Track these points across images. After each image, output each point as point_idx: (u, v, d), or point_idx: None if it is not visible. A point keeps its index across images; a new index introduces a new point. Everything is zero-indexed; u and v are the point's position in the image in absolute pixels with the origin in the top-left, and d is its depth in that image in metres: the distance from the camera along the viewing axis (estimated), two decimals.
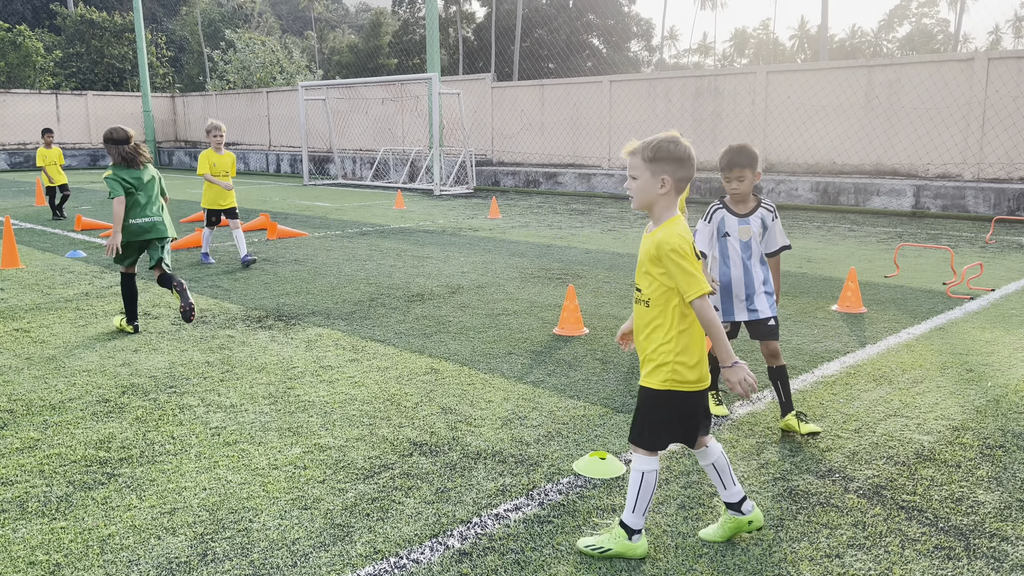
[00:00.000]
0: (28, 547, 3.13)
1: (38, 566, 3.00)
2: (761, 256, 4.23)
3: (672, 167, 2.84)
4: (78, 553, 3.09)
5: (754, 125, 18.37)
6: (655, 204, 2.89)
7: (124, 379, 5.26)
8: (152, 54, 45.43)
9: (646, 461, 2.99)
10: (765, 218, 4.24)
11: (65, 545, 3.15)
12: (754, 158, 4.10)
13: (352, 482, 3.71)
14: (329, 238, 12.13)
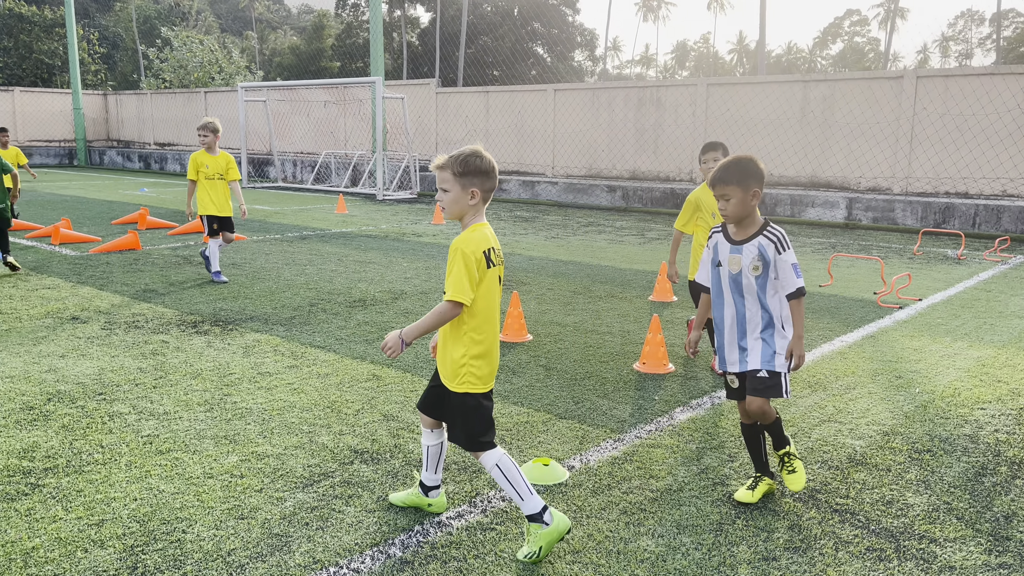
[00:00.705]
0: None
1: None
2: (759, 294, 3.45)
3: (480, 180, 3.04)
4: (0, 567, 2.95)
5: (695, 136, 18.72)
6: (465, 214, 3.09)
7: (50, 386, 5.06)
8: (84, 50, 44.01)
9: (492, 455, 3.11)
10: (765, 249, 3.42)
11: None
12: (745, 173, 3.38)
13: (291, 491, 3.63)
14: (268, 242, 11.90)
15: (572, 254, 11.18)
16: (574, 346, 6.24)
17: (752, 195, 3.40)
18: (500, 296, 3.19)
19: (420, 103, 23.97)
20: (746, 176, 3.38)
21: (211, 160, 8.71)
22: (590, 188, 19.37)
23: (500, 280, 3.20)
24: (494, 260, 3.09)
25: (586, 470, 3.91)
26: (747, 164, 3.41)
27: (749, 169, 3.40)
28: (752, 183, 3.39)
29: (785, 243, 3.42)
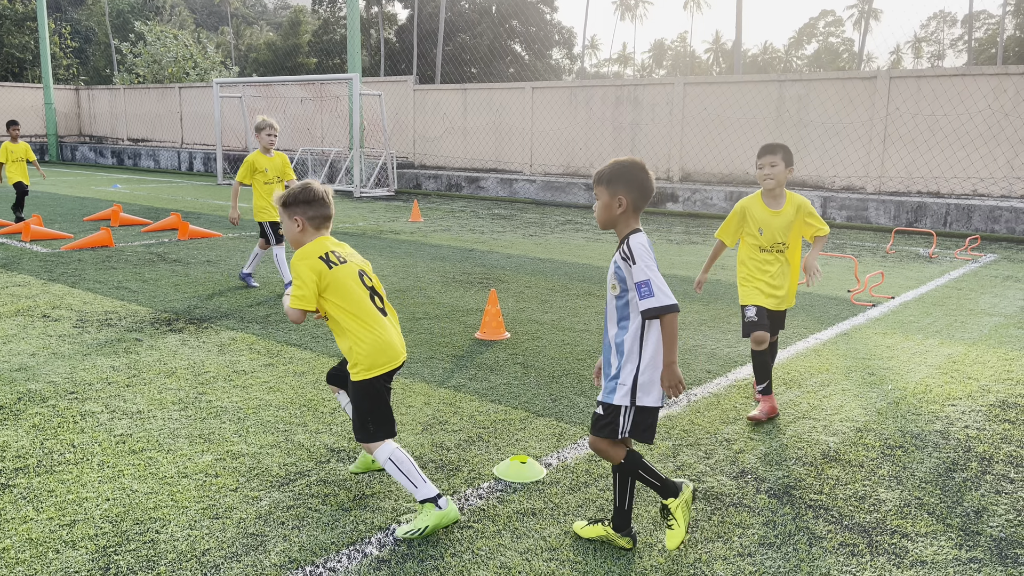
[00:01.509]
0: None
1: None
2: (618, 316, 3.05)
3: (302, 208, 3.41)
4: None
5: (671, 135, 18.82)
6: (298, 242, 3.45)
7: (20, 384, 4.98)
8: (55, 44, 43.35)
9: (385, 449, 3.30)
10: (619, 267, 3.00)
11: None
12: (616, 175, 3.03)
13: (266, 490, 3.60)
14: (244, 239, 11.79)
15: (550, 252, 11.19)
16: (552, 344, 6.25)
17: (617, 202, 3.00)
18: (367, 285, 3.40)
19: (398, 100, 23.88)
20: (615, 178, 3.02)
21: (269, 163, 8.01)
22: (568, 186, 19.40)
23: (363, 274, 3.42)
24: (335, 260, 3.34)
25: (563, 467, 3.92)
26: (622, 166, 3.04)
27: (622, 171, 3.03)
28: (619, 188, 3.00)
29: (634, 256, 2.93)
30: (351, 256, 3.45)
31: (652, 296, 2.89)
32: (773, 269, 4.66)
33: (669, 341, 2.93)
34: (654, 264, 2.94)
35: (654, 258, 2.98)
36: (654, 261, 2.96)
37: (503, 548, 3.14)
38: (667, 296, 2.90)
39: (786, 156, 4.56)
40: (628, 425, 3.01)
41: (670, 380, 2.94)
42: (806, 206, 4.67)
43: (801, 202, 4.66)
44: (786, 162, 4.55)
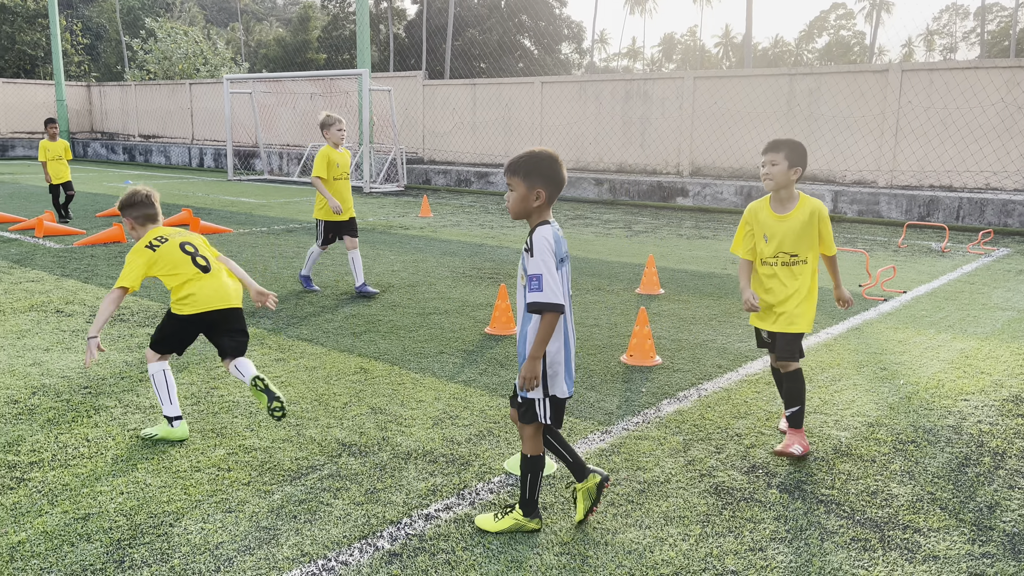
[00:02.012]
0: None
1: None
2: (525, 308, 3.06)
3: (130, 211, 4.23)
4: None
5: (681, 129, 18.76)
6: (136, 238, 4.27)
7: (34, 379, 5.02)
8: (67, 41, 43.56)
9: (158, 364, 4.15)
10: (524, 256, 3.07)
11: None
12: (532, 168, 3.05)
13: (279, 484, 3.62)
14: (255, 235, 11.84)
15: None
16: None
17: (535, 194, 3.03)
18: (188, 252, 4.20)
19: (407, 95, 23.89)
20: (533, 171, 3.04)
21: (341, 158, 7.60)
22: (577, 181, 19.38)
23: (185, 244, 4.22)
24: (158, 243, 4.15)
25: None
26: (540, 159, 3.05)
27: (540, 164, 3.04)
28: (537, 181, 3.03)
29: (534, 249, 2.98)
30: (174, 235, 4.26)
31: (540, 291, 2.93)
32: (772, 284, 4.07)
33: (541, 337, 2.98)
34: (552, 260, 2.96)
35: (554, 253, 2.99)
36: (553, 257, 2.97)
37: (514, 542, 3.15)
38: (554, 295, 2.93)
39: (792, 155, 3.94)
40: (547, 414, 3.14)
41: (526, 372, 3.02)
42: (822, 213, 4.02)
43: (816, 208, 4.00)
44: (791, 161, 3.93)
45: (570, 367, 3.16)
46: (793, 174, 3.96)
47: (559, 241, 3.05)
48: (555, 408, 3.15)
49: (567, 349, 3.12)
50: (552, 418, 3.16)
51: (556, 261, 2.99)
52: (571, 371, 3.17)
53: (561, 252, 3.06)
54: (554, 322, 2.97)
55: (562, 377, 3.12)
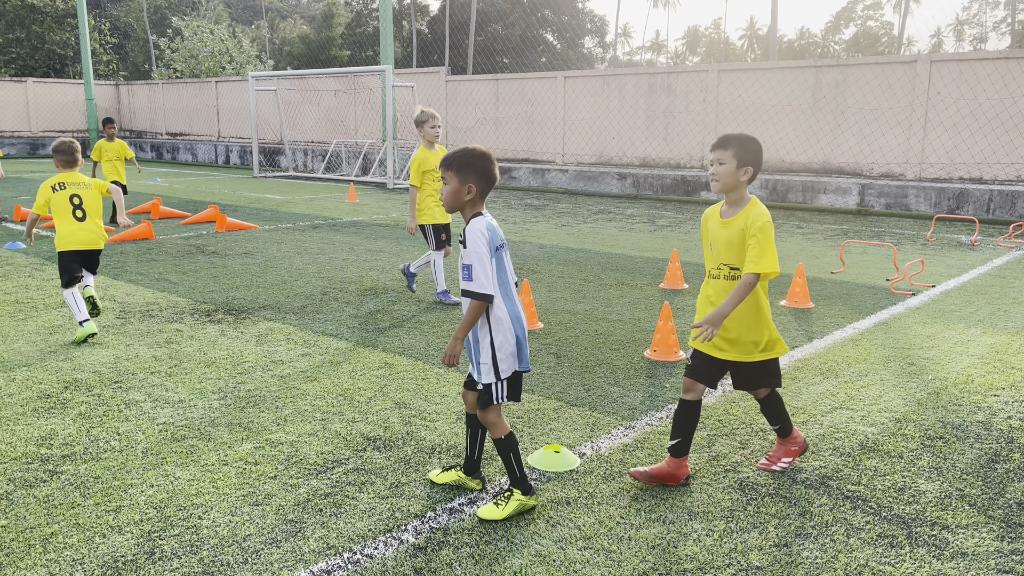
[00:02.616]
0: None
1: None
2: None
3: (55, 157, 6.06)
4: (20, 552, 3.00)
5: (705, 122, 18.63)
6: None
7: (66, 374, 5.12)
8: (95, 41, 44.14)
9: (65, 292, 5.86)
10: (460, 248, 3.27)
11: (6, 544, 3.05)
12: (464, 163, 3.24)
13: (304, 477, 3.66)
14: (280, 231, 11.94)
15: (582, 242, 11.16)
16: (585, 334, 6.25)
17: (467, 189, 3.22)
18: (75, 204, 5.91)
19: (430, 91, 23.94)
20: (465, 167, 3.23)
21: (436, 158, 7.04)
22: (600, 175, 19.32)
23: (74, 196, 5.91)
24: (58, 188, 5.87)
25: (597, 457, 3.93)
26: (472, 156, 3.25)
27: (472, 161, 3.24)
28: (469, 176, 3.22)
29: (467, 241, 3.18)
30: (71, 186, 5.94)
31: (471, 280, 3.16)
32: (716, 300, 3.53)
33: (466, 320, 3.20)
34: (485, 251, 3.17)
35: (489, 243, 3.18)
36: (487, 248, 3.17)
37: (538, 536, 3.16)
38: (483, 285, 3.15)
39: (741, 152, 3.43)
40: (503, 394, 3.30)
41: (447, 350, 3.22)
42: (754, 223, 3.38)
43: (753, 217, 3.40)
44: (740, 160, 3.42)
45: (521, 347, 3.30)
46: (743, 174, 3.45)
47: (493, 230, 3.23)
48: (508, 388, 3.31)
49: (516, 331, 3.27)
50: (509, 396, 3.32)
51: (491, 251, 3.20)
52: (523, 350, 3.32)
53: (497, 240, 3.24)
54: (481, 309, 3.19)
55: (512, 359, 3.28)
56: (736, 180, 3.46)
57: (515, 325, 3.28)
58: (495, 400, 3.29)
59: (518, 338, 3.28)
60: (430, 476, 3.64)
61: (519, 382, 3.35)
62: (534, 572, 2.91)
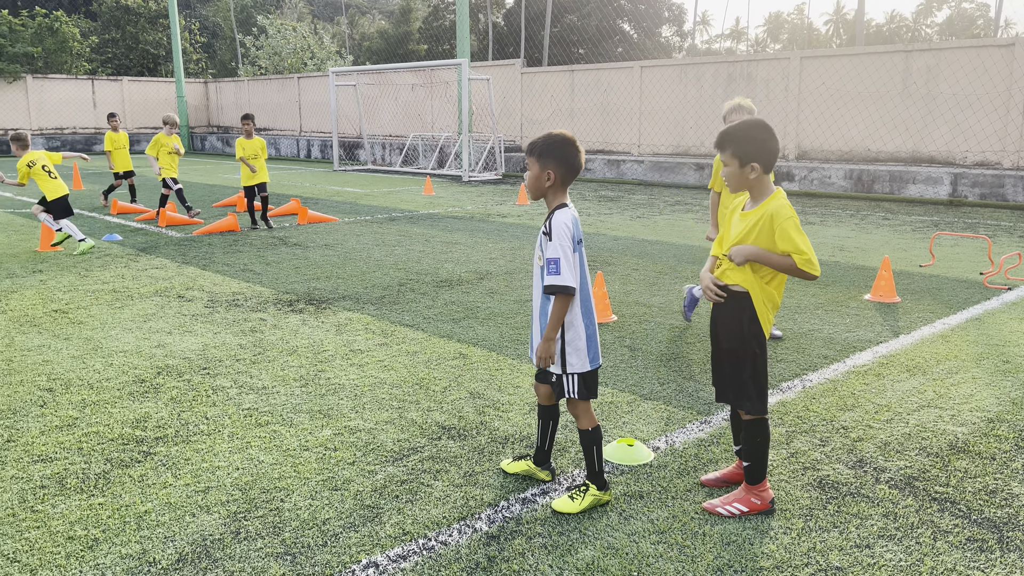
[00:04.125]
0: (67, 522, 3.22)
1: (76, 541, 3.08)
2: (542, 288, 3.21)
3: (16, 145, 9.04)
4: (115, 529, 3.17)
5: (787, 111, 18.12)
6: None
7: (159, 360, 5.36)
8: (186, 40, 45.84)
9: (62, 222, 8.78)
10: (542, 238, 3.22)
11: (103, 521, 3.23)
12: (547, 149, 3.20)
13: (381, 464, 3.75)
14: (359, 223, 12.20)
15: (658, 234, 11.03)
16: (660, 327, 6.19)
17: (546, 175, 3.19)
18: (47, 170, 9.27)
19: (505, 84, 24.01)
20: (546, 152, 3.18)
21: None
22: (677, 166, 19.03)
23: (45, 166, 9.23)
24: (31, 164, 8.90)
25: (671, 451, 3.89)
26: (554, 141, 3.20)
27: (553, 146, 3.18)
28: (549, 162, 3.18)
29: (552, 232, 3.12)
30: (39, 160, 9.21)
31: (557, 274, 3.11)
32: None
33: (556, 317, 3.15)
34: (569, 244, 3.12)
35: (572, 237, 3.14)
36: (571, 241, 3.13)
37: (610, 529, 3.16)
38: (569, 279, 3.10)
39: (741, 150, 3.14)
40: (575, 388, 3.27)
41: (541, 352, 3.21)
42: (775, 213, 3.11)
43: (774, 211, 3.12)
44: (741, 158, 3.15)
45: (592, 344, 3.27)
46: (750, 172, 3.15)
47: (576, 224, 3.20)
48: (582, 383, 3.28)
49: (587, 327, 3.25)
50: (580, 392, 3.28)
51: (573, 244, 3.15)
52: (594, 346, 3.28)
53: (579, 234, 3.22)
54: (567, 304, 3.15)
55: (584, 354, 3.25)
56: (745, 179, 3.17)
57: (586, 320, 3.26)
58: (567, 394, 3.30)
59: (588, 335, 3.26)
60: (501, 465, 3.70)
61: (594, 378, 3.32)
62: (606, 564, 2.91)
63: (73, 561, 2.94)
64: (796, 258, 3.08)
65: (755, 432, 3.27)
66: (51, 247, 9.59)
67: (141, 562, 2.93)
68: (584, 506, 3.28)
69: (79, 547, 3.03)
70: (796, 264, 3.09)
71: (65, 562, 2.93)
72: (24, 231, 11.26)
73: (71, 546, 3.04)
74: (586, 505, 3.29)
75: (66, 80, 33.54)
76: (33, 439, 4.04)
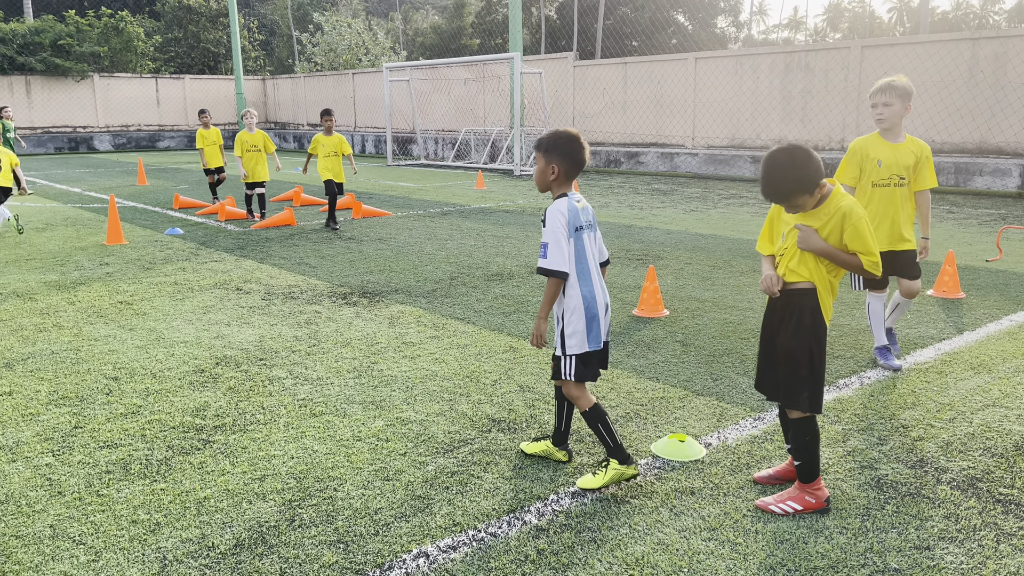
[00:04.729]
0: (131, 507, 3.33)
1: (139, 525, 3.18)
2: None
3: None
4: (176, 514, 3.27)
5: (847, 102, 17.67)
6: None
7: (218, 351, 5.50)
8: (245, 38, 46.83)
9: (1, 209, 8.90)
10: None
11: (164, 505, 3.33)
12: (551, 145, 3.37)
13: (432, 455, 3.79)
14: (411, 217, 12.32)
15: (712, 227, 10.88)
16: (713, 322, 6.11)
17: (551, 169, 3.35)
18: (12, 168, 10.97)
19: (557, 77, 23.93)
20: (551, 148, 3.36)
21: (892, 151, 4.85)
22: (732, 159, 18.73)
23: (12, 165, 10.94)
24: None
25: (724, 448, 3.84)
26: (559, 138, 3.36)
27: (558, 142, 3.35)
28: (553, 157, 3.35)
29: (546, 220, 3.32)
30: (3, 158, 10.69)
31: (545, 258, 3.30)
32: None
33: (546, 300, 3.34)
34: (562, 231, 3.27)
35: (568, 224, 3.28)
36: (565, 227, 3.28)
37: (660, 525, 3.13)
38: (556, 263, 3.27)
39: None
40: (571, 370, 3.39)
41: (533, 332, 3.40)
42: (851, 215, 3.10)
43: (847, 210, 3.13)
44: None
45: (593, 327, 3.35)
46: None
47: (575, 211, 3.33)
48: (579, 365, 3.38)
49: (587, 309, 3.33)
50: (576, 374, 3.39)
51: (570, 230, 3.30)
52: (595, 330, 3.36)
53: (579, 221, 3.34)
54: (557, 286, 3.33)
55: (583, 336, 3.35)
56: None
57: (587, 305, 3.35)
58: (564, 375, 3.41)
59: (588, 318, 3.35)
60: (521, 446, 3.81)
61: (593, 361, 3.42)
62: (656, 560, 2.89)
63: (136, 544, 3.04)
64: (864, 259, 3.08)
65: (804, 431, 3.22)
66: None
67: (200, 546, 3.02)
68: (606, 480, 3.38)
69: (142, 531, 3.14)
70: (863, 265, 3.10)
71: (128, 545, 3.03)
72: (92, 225, 11.66)
73: (134, 529, 3.15)
74: (608, 479, 3.38)
75: (131, 79, 34.59)
76: (99, 425, 4.18)
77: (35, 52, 32.46)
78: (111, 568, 2.88)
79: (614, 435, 3.43)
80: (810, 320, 3.15)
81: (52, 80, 32.55)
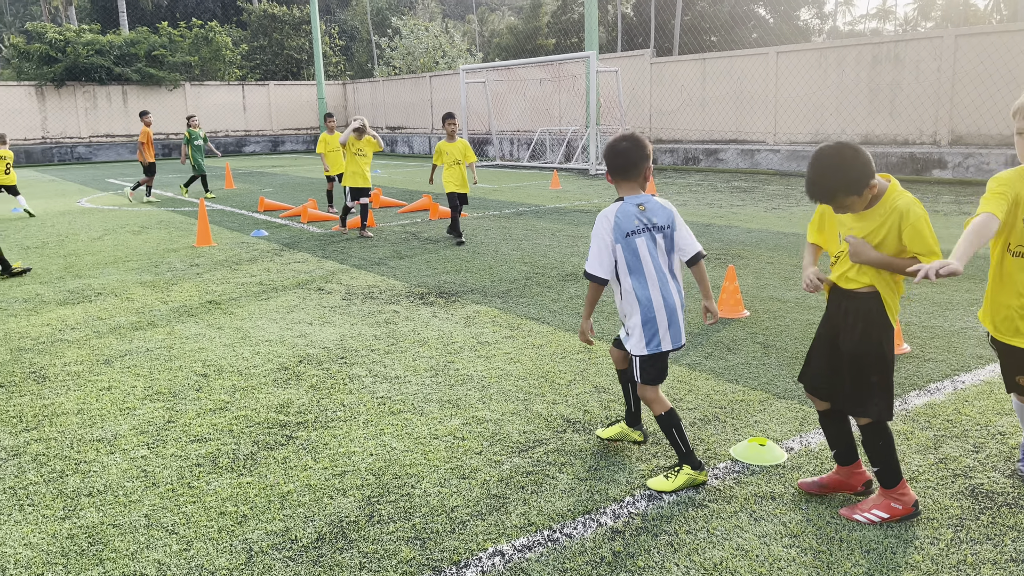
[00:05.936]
0: (219, 499, 3.46)
1: (227, 516, 3.31)
2: None
3: None
4: (261, 506, 3.38)
5: (939, 94, 16.93)
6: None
7: (301, 349, 5.66)
8: (326, 44, 48.04)
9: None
10: None
11: (251, 498, 3.45)
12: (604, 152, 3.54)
13: (507, 455, 3.81)
14: (487, 218, 12.40)
15: (794, 226, 10.59)
16: (795, 323, 5.95)
17: (608, 176, 3.52)
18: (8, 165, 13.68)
19: (634, 75, 23.70)
20: (605, 155, 3.49)
21: None
22: None
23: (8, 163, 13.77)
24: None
25: (806, 452, 3.74)
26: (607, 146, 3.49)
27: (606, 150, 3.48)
28: (607, 163, 3.48)
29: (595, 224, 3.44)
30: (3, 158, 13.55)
31: (588, 260, 3.42)
32: None
33: (587, 300, 3.49)
34: (605, 235, 3.36)
35: (613, 228, 3.34)
36: (608, 233, 3.35)
37: (739, 530, 3.07)
38: (594, 266, 3.38)
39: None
40: (638, 371, 3.45)
41: (581, 328, 3.59)
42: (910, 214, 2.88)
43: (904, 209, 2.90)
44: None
45: (650, 328, 3.37)
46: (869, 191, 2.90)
47: (627, 216, 3.35)
48: (644, 366, 3.42)
49: (643, 312, 3.36)
50: (643, 376, 3.44)
51: (616, 236, 3.35)
52: (652, 331, 3.37)
53: (631, 225, 3.35)
54: (594, 291, 3.45)
55: (641, 339, 3.38)
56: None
57: (644, 308, 3.37)
58: (634, 376, 3.48)
59: (643, 321, 3.37)
60: (597, 432, 3.90)
61: (657, 362, 3.43)
62: (735, 566, 2.83)
63: (224, 535, 3.16)
64: (926, 261, 2.78)
65: (876, 436, 3.08)
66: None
67: (284, 539, 3.12)
68: (678, 484, 3.38)
69: (230, 522, 3.26)
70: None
71: (217, 536, 3.16)
72: (183, 228, 12.16)
73: (223, 521, 3.27)
74: (680, 484, 3.38)
75: (219, 86, 35.94)
76: (190, 420, 4.36)
77: (131, 63, 34.07)
78: (201, 558, 3.00)
79: (687, 441, 3.43)
80: (876, 323, 3.00)
81: (147, 89, 34.10)
